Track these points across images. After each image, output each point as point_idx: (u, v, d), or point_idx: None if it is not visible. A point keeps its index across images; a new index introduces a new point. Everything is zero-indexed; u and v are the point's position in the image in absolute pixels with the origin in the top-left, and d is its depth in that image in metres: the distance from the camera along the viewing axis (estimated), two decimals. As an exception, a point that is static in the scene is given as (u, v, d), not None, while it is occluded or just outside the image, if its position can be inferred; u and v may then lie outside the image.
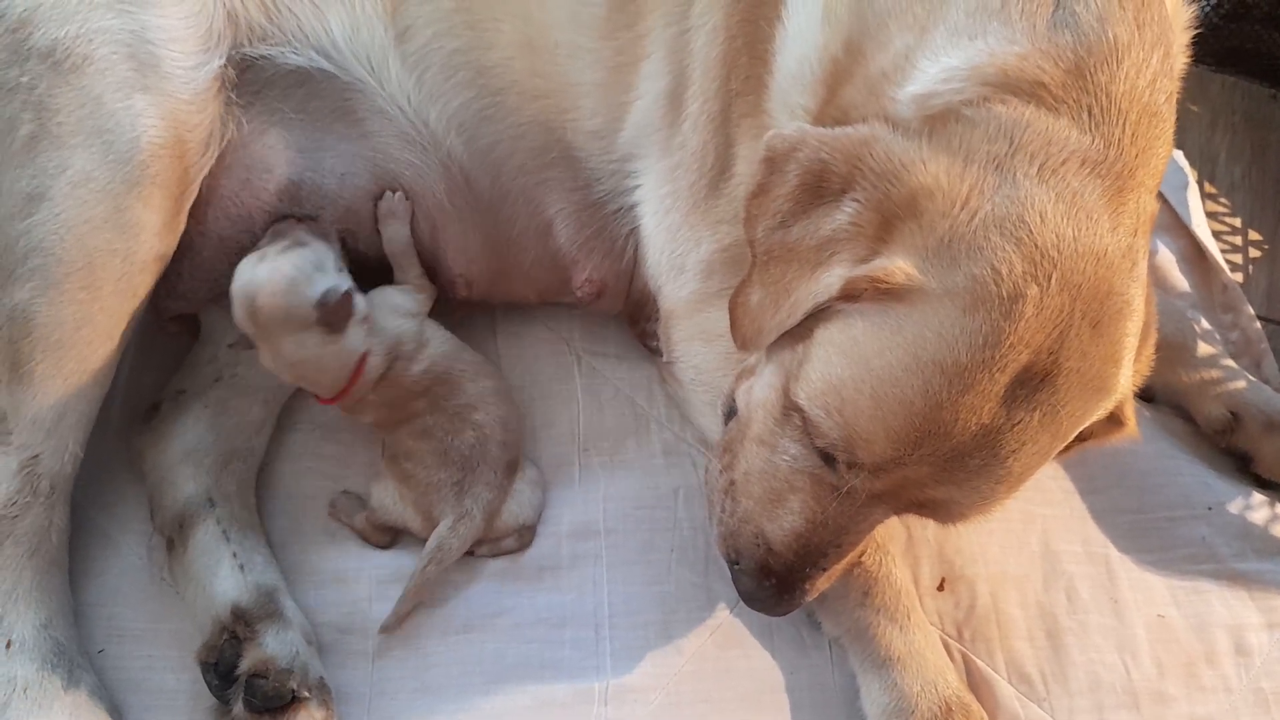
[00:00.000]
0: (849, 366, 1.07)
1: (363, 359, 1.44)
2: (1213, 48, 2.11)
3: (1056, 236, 1.02)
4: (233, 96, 1.42)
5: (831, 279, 1.09)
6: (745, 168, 1.39)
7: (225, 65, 1.41)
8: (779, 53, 1.33)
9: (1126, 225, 1.08)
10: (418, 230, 1.55)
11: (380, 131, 1.50)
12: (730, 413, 1.33)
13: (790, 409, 1.15)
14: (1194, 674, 1.47)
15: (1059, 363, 1.04)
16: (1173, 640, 1.49)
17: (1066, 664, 1.46)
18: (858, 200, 1.09)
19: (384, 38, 1.46)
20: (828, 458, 1.13)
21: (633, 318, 1.66)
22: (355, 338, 1.43)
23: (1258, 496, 1.63)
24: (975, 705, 1.36)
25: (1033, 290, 1.01)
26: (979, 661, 1.45)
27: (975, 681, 1.44)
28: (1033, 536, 1.55)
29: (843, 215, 1.10)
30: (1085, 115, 1.08)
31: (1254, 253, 2.17)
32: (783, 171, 1.14)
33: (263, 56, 1.43)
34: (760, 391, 1.23)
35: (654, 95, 1.45)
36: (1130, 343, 1.10)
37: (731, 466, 1.25)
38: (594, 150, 1.50)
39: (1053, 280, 1.02)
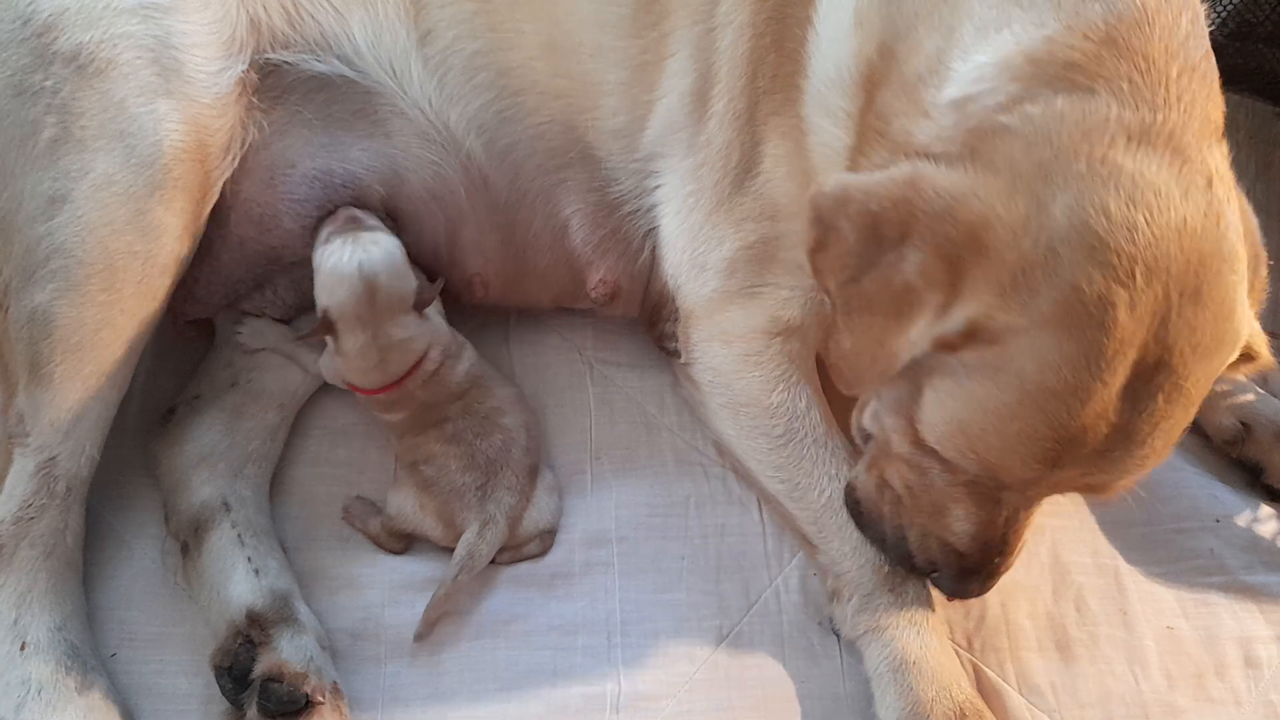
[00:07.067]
0: (965, 410, 1.09)
1: (427, 348, 1.47)
2: (1217, 66, 2.13)
3: (1127, 230, 0.99)
4: (254, 101, 1.43)
5: (917, 336, 1.09)
6: (771, 165, 1.39)
7: (248, 71, 1.41)
8: (813, 55, 1.32)
9: (1197, 183, 1.03)
10: (437, 230, 1.56)
11: (401, 133, 1.50)
12: (864, 437, 1.35)
13: (922, 447, 1.18)
14: (1203, 686, 1.46)
15: (1168, 346, 1.02)
16: (1182, 652, 1.48)
17: (1076, 675, 1.45)
18: (918, 248, 1.07)
19: (406, 42, 1.47)
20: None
21: (650, 320, 1.66)
22: (436, 322, 1.49)
23: (1265, 509, 1.63)
24: (988, 713, 1.35)
25: (1120, 294, 0.99)
26: (989, 672, 1.45)
27: (985, 692, 1.43)
28: (1042, 547, 1.55)
29: (909, 266, 1.07)
30: (1124, 85, 1.05)
31: (1259, 269, 2.18)
32: (837, 229, 1.12)
33: (285, 62, 1.44)
34: (890, 419, 1.23)
35: (679, 94, 1.45)
36: (1239, 291, 1.07)
37: (888, 484, 1.30)
38: (615, 150, 1.51)
39: (1137, 276, 0.99)
